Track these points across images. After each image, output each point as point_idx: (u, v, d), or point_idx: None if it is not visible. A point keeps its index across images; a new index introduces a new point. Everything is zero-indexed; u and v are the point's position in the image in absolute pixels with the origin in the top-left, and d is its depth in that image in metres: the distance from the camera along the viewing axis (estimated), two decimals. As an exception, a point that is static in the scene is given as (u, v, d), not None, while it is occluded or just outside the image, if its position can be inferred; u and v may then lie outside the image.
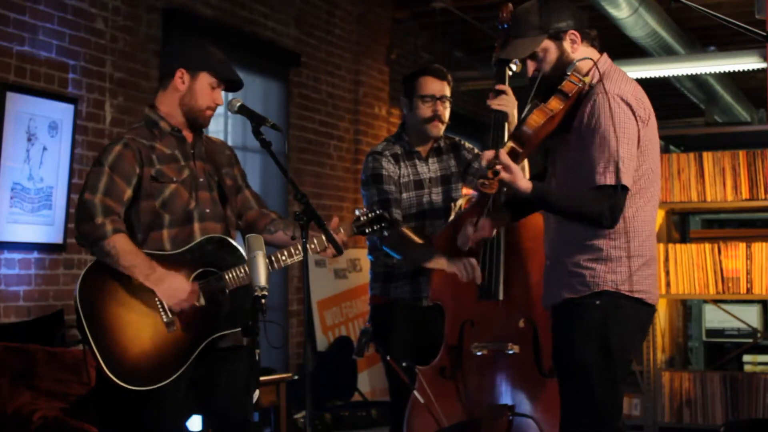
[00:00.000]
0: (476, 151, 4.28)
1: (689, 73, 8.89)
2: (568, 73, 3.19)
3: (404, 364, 3.86)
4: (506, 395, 3.72)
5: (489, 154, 3.09)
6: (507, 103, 3.78)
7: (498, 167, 3.05)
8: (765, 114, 10.87)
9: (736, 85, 10.63)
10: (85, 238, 3.36)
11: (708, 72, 9.14)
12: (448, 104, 4.15)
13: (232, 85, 3.57)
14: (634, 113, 3.14)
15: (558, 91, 3.17)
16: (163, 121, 3.52)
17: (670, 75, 8.86)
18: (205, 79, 3.49)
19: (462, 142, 4.33)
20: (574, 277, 3.19)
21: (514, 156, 3.11)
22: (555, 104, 3.15)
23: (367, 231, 3.59)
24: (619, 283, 3.15)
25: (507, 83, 3.83)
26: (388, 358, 3.87)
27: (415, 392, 3.80)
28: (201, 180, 3.54)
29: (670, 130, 8.35)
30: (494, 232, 3.55)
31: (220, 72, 3.51)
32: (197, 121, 3.54)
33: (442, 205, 4.17)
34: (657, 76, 8.70)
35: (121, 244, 3.33)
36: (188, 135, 3.57)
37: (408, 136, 4.19)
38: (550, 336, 3.62)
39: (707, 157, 6.02)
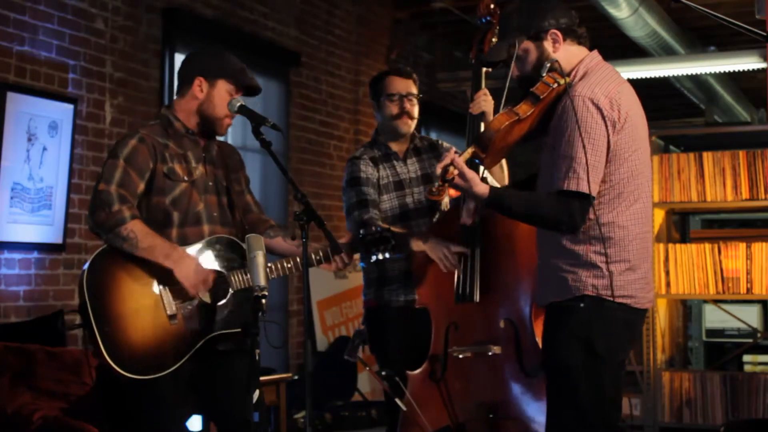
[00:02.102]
0: (454, 150, 4.30)
1: (689, 73, 8.89)
2: (543, 75, 3.15)
3: (383, 373, 3.86)
4: (491, 397, 3.71)
5: (444, 161, 3.07)
6: (485, 103, 3.81)
7: (450, 174, 3.03)
8: (765, 114, 10.87)
9: (736, 85, 10.63)
10: (101, 226, 3.37)
11: (708, 72, 9.14)
12: (415, 101, 4.20)
13: (250, 90, 3.59)
14: (603, 117, 3.06)
15: (530, 94, 3.13)
16: (179, 122, 3.55)
17: (670, 75, 8.86)
18: (223, 87, 3.52)
19: (440, 142, 4.36)
20: (559, 280, 3.17)
21: (476, 161, 3.08)
22: (524, 108, 3.10)
23: (372, 250, 3.59)
24: (600, 288, 3.11)
25: (483, 82, 3.87)
26: (368, 368, 3.86)
27: (397, 400, 3.79)
28: (210, 183, 3.56)
29: (670, 130, 8.35)
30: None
31: (238, 79, 3.53)
32: (214, 130, 3.57)
33: (425, 205, 4.17)
34: (657, 76, 8.70)
35: (138, 228, 3.35)
36: (201, 139, 3.60)
37: (383, 138, 4.24)
38: (531, 336, 3.63)
39: (707, 157, 6.01)
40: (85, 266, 3.36)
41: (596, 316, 3.12)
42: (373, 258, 3.62)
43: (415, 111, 4.21)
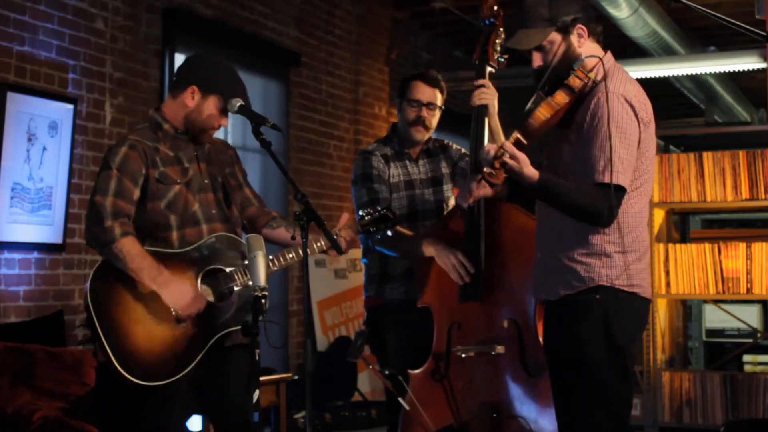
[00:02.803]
0: (463, 150, 4.30)
1: (689, 73, 8.89)
2: (575, 68, 3.19)
3: (386, 372, 3.86)
4: (494, 396, 3.70)
5: (493, 146, 3.08)
6: (488, 95, 3.79)
7: (505, 157, 3.04)
8: (765, 114, 10.87)
9: (736, 85, 10.63)
10: (95, 241, 3.41)
11: (708, 72, 9.14)
12: (436, 112, 4.17)
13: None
14: (636, 114, 3.15)
15: (564, 86, 3.16)
16: (167, 123, 3.55)
17: (670, 75, 8.86)
18: (214, 102, 3.52)
19: (449, 144, 4.35)
20: (569, 272, 3.18)
21: (519, 147, 3.11)
22: (561, 98, 3.15)
23: (371, 230, 3.60)
24: (614, 278, 3.15)
25: (487, 79, 3.85)
26: (371, 367, 3.87)
27: (400, 399, 3.79)
28: (205, 182, 3.57)
29: (670, 130, 8.35)
30: (494, 190, 3.46)
31: (232, 97, 3.52)
32: (198, 138, 3.58)
33: (433, 206, 4.19)
34: (657, 76, 8.70)
35: (128, 248, 3.36)
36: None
37: (397, 137, 4.23)
38: (534, 336, 3.62)
39: (707, 157, 6.02)
40: (88, 280, 3.38)
41: (612, 307, 3.15)
42: (373, 233, 3.62)
43: (434, 121, 4.18)
